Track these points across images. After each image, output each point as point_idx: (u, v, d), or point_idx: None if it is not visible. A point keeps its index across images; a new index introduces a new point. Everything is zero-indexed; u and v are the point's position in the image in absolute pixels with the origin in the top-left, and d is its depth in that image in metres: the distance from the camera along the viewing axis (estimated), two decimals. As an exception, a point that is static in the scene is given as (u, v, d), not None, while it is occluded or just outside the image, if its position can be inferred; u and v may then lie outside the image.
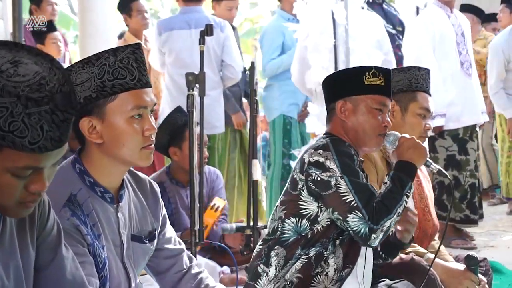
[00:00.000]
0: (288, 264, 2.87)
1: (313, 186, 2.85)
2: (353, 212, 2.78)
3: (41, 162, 1.68)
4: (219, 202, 4.72)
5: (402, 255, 3.22)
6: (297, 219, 2.89)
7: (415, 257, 3.21)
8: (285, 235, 2.91)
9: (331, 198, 2.82)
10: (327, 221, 2.87)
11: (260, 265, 2.91)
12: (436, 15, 6.26)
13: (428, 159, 2.98)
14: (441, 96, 6.03)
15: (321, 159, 2.85)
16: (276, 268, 2.88)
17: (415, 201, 3.47)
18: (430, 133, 3.58)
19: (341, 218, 2.80)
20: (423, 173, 3.66)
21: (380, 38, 6.16)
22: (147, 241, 2.45)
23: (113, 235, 2.34)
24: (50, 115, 1.64)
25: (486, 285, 3.33)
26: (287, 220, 2.90)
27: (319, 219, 2.87)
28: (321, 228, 2.87)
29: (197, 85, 4.03)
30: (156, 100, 5.86)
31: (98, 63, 2.27)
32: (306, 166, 2.87)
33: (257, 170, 4.48)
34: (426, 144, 3.47)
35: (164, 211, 2.56)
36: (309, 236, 2.87)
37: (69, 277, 1.98)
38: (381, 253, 3.10)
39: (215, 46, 6.06)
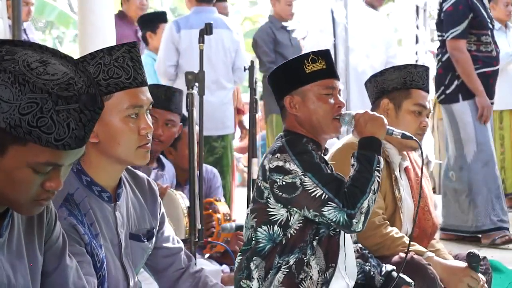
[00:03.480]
0: (269, 276, 2.85)
1: (280, 193, 2.82)
2: (326, 205, 2.76)
3: (61, 159, 1.71)
4: (222, 206, 4.71)
5: (402, 254, 3.22)
6: (268, 227, 2.86)
7: (415, 256, 3.21)
8: (260, 245, 2.88)
9: (301, 198, 2.79)
10: (299, 224, 2.84)
11: (243, 280, 2.89)
12: None
13: (388, 127, 2.92)
14: None
15: (281, 163, 2.81)
16: (258, 281, 2.86)
17: (415, 200, 3.46)
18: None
19: (318, 213, 2.78)
20: (423, 172, 3.65)
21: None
22: (145, 240, 2.45)
23: (111, 234, 2.34)
24: (78, 114, 1.68)
25: (485, 284, 3.32)
26: (259, 229, 2.88)
27: (290, 223, 2.84)
28: (295, 232, 2.84)
29: (197, 84, 4.04)
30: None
31: (93, 62, 2.27)
32: (268, 173, 2.84)
33: (257, 169, 4.49)
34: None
35: (163, 210, 2.56)
36: (284, 242, 2.85)
37: (71, 287, 1.99)
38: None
39: (231, 48, 6.08)
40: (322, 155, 2.97)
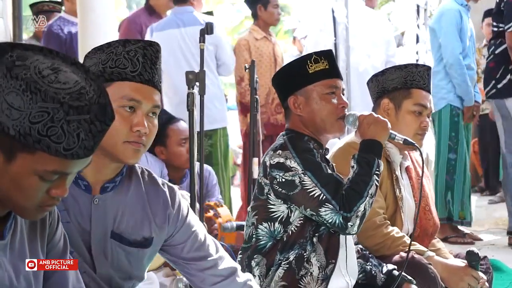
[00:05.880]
0: (270, 272, 2.86)
1: (279, 189, 2.85)
2: (323, 205, 2.78)
3: (69, 168, 1.72)
4: (223, 211, 4.70)
5: (403, 253, 3.22)
6: (269, 224, 2.89)
7: (416, 255, 3.20)
8: (261, 242, 2.90)
9: (299, 196, 2.82)
10: (300, 220, 2.87)
11: None
12: None
13: (391, 131, 2.96)
14: None
15: (281, 160, 2.84)
16: (259, 278, 2.87)
17: (416, 200, 3.46)
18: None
19: (314, 213, 2.80)
20: (424, 172, 3.64)
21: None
22: (134, 246, 2.32)
23: (82, 220, 2.25)
24: (89, 125, 1.68)
25: (486, 283, 3.32)
26: (260, 226, 2.90)
27: (291, 220, 2.87)
28: (295, 229, 2.87)
29: (197, 83, 4.03)
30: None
31: (107, 51, 2.27)
32: (268, 169, 2.87)
33: (257, 168, 4.49)
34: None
35: (188, 222, 2.42)
36: (285, 239, 2.87)
37: None
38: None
39: (209, 44, 6.11)
40: (324, 154, 2.99)
